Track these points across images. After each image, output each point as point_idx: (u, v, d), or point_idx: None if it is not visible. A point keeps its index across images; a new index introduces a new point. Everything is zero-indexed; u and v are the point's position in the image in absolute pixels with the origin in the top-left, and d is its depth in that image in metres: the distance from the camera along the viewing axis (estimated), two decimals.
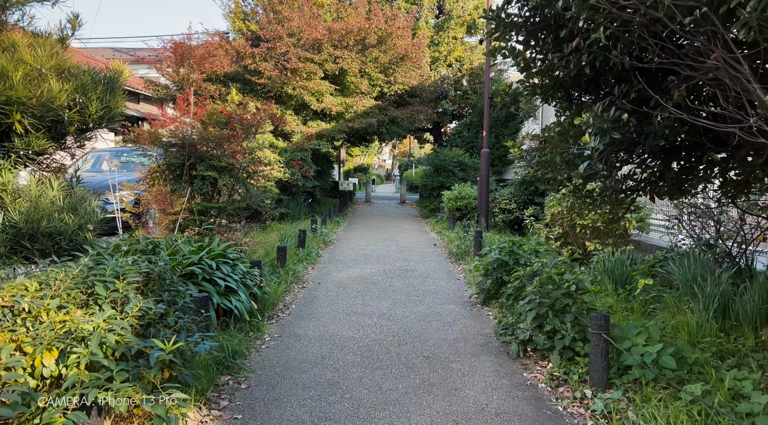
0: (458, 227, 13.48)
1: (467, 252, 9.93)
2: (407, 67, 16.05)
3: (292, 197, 15.37)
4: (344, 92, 15.66)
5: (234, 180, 7.09)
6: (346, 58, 14.74)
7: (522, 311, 4.92)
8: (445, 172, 17.42)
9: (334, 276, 8.43)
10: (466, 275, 8.53)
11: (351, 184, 23.55)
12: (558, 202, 8.95)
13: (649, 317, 5.57)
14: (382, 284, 7.85)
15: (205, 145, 6.94)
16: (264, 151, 11.74)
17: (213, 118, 7.39)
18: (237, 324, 5.27)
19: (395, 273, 8.70)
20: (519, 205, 12.62)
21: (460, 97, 22.70)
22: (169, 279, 3.70)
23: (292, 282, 7.68)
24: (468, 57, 22.09)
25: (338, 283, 7.89)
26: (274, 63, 14.31)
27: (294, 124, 14.96)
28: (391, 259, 9.96)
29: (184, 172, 6.88)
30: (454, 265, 9.53)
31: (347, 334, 5.48)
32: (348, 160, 41.31)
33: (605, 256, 7.59)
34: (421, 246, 11.81)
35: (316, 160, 15.73)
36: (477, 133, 20.85)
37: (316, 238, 11.46)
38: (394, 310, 6.42)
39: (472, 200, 13.89)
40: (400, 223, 16.34)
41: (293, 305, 6.65)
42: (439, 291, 7.45)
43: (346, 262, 9.61)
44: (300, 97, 14.61)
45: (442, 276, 8.49)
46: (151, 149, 7.07)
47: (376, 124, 15.62)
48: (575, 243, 8.90)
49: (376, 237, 13.10)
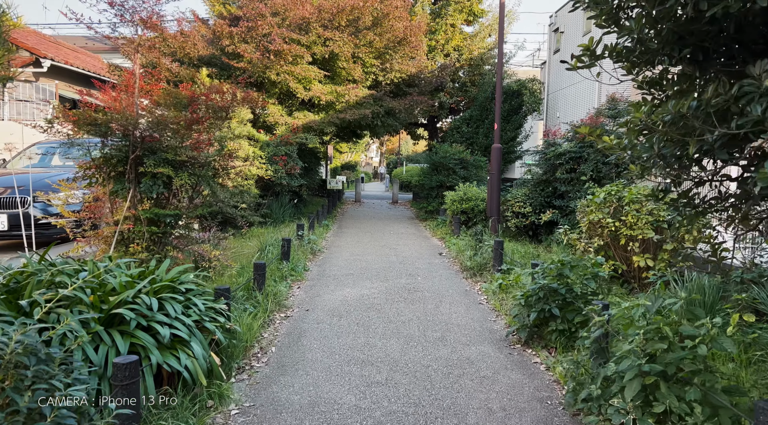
0: (465, 233, 11.89)
1: (484, 266, 8.32)
2: (405, 52, 14.38)
3: (276, 197, 13.66)
4: (335, 79, 13.94)
5: (196, 179, 5.38)
6: (338, 41, 13.03)
7: (611, 375, 3.31)
8: (446, 170, 15.81)
9: (326, 298, 6.77)
10: (489, 297, 6.92)
11: (340, 183, 21.85)
12: (597, 207, 7.38)
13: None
14: (386, 311, 6.21)
15: (158, 132, 5.23)
16: (240, 142, 10.01)
17: (170, 99, 5.67)
18: (188, 392, 3.59)
19: (400, 293, 7.06)
20: (535, 209, 11.06)
21: (458, 89, 21.11)
22: (36, 366, 2.01)
23: (272, 310, 6.00)
24: (467, 46, 20.49)
25: (331, 310, 6.23)
26: (256, 45, 12.55)
27: (278, 114, 13.23)
28: (392, 273, 8.31)
29: (128, 169, 5.16)
30: (470, 282, 7.92)
31: (349, 402, 3.82)
32: (335, 157, 39.52)
33: (669, 276, 6.03)
34: (425, 255, 10.18)
35: (303, 156, 14.02)
36: (477, 128, 19.29)
37: (302, 247, 9.77)
38: (408, 355, 4.78)
39: (479, 202, 12.29)
40: (395, 227, 14.70)
41: (273, 347, 4.97)
42: (461, 323, 5.83)
43: (339, 278, 7.95)
44: (285, 83, 12.87)
45: (460, 299, 6.87)
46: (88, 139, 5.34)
47: (371, 115, 13.93)
48: (617, 257, 7.34)
49: (371, 244, 11.45)
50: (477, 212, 12.30)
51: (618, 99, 10.61)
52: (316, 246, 10.30)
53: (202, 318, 3.92)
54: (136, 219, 5.26)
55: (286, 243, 8.22)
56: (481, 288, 7.40)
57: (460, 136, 19.27)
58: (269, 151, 12.21)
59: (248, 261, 8.01)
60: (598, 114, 10.69)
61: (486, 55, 20.69)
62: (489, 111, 19.19)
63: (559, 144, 11.04)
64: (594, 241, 7.38)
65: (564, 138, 11.22)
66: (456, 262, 9.42)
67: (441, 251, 10.68)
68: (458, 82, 21.03)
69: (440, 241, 12.13)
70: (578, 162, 10.36)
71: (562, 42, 18.06)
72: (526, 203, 11.12)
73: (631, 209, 6.98)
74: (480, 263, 8.40)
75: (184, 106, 5.56)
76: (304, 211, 16.08)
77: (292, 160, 12.55)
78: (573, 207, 10.15)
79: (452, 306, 6.49)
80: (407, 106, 15.02)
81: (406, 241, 12.00)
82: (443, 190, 15.67)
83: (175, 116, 5.26)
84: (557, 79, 18.58)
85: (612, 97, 10.65)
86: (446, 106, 20.88)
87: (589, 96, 15.37)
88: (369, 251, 10.48)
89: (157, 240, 5.45)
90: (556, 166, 10.88)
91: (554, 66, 19.00)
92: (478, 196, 12.41)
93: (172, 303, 3.83)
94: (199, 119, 5.27)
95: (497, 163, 11.40)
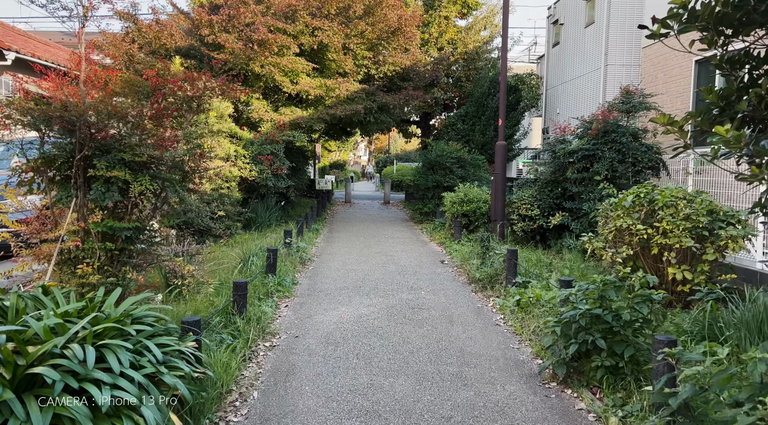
0: (466, 238, 11.02)
1: (495, 278, 7.42)
2: (399, 43, 13.45)
3: (261, 199, 12.67)
4: (324, 73, 12.97)
5: (160, 183, 4.42)
6: (327, 30, 12.06)
7: None
8: (442, 169, 14.91)
9: (318, 320, 5.83)
10: (506, 317, 6.03)
11: (329, 183, 20.86)
12: (626, 212, 6.52)
13: None
14: (390, 336, 5.29)
15: (113, 125, 4.26)
16: (219, 140, 9.01)
17: (130, 87, 4.70)
18: None
19: (403, 312, 6.15)
20: (543, 211, 10.19)
21: (452, 85, 20.22)
22: None
23: (255, 339, 5.05)
24: (462, 39, 19.61)
25: (325, 336, 5.30)
26: (238, 34, 11.55)
27: (262, 110, 12.24)
28: (392, 286, 7.39)
29: (74, 172, 4.19)
30: (481, 297, 7.02)
31: None
32: (323, 156, 38.42)
33: (718, 293, 5.19)
34: (426, 264, 9.27)
35: (290, 155, 13.03)
36: (474, 125, 18.41)
37: (291, 255, 8.82)
38: (422, 401, 3.86)
39: (481, 204, 11.41)
40: (390, 230, 13.78)
41: (255, 391, 4.03)
42: (480, 351, 4.92)
43: (333, 293, 7.02)
44: (270, 76, 11.87)
45: (473, 319, 5.96)
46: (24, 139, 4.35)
47: (363, 111, 12.98)
48: (647, 268, 6.50)
49: (365, 250, 10.52)
50: (479, 215, 11.42)
51: (633, 91, 9.79)
52: (306, 254, 9.35)
53: (157, 370, 2.97)
54: (86, 233, 4.28)
55: (272, 253, 7.27)
56: (495, 305, 6.50)
57: (455, 133, 18.38)
58: (253, 149, 11.22)
59: (229, 274, 7.06)
60: (611, 108, 9.85)
61: (481, 48, 19.83)
62: (486, 107, 18.32)
63: (568, 141, 10.19)
64: (622, 250, 6.51)
65: (573, 134, 10.37)
66: (461, 272, 8.52)
67: (443, 258, 9.78)
68: (452, 77, 20.14)
69: (440, 247, 11.24)
70: (591, 160, 9.52)
71: (562, 34, 17.27)
72: (534, 205, 10.25)
73: (665, 214, 6.12)
74: (490, 274, 7.51)
75: (147, 95, 4.59)
76: (292, 214, 15.10)
77: (279, 159, 11.57)
78: (586, 209, 9.31)
79: (466, 329, 5.59)
80: (402, 101, 14.08)
81: (404, 247, 11.09)
82: (440, 190, 14.78)
83: (134, 106, 4.29)
84: (557, 74, 17.76)
85: (626, 90, 9.83)
86: (440, 103, 19.99)
87: (593, 90, 14.57)
88: (364, 259, 9.55)
89: (113, 258, 4.48)
90: (566, 165, 10.03)
91: (553, 60, 18.18)
92: (480, 198, 11.53)
93: (117, 352, 2.88)
94: (163, 110, 4.30)
95: (502, 161, 10.54)
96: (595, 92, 14.57)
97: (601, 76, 14.23)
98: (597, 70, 14.54)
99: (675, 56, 11.39)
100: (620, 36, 14.00)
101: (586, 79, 15.43)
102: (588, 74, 15.26)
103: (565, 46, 17.18)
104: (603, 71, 14.19)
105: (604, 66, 14.16)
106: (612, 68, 14.14)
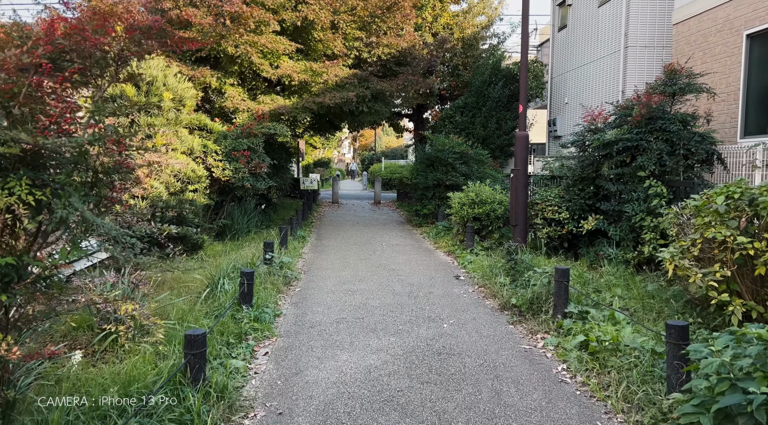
0: (479, 246, 9.39)
1: (536, 304, 5.77)
2: (396, 22, 11.73)
3: (238, 202, 10.89)
4: (309, 55, 11.21)
5: (48, 192, 2.67)
6: (312, 5, 10.31)
7: None
8: (443, 166, 13.23)
9: (311, 379, 4.12)
10: (570, 366, 4.37)
11: (315, 182, 19.08)
12: (718, 219, 4.94)
13: None
14: (417, 411, 3.60)
15: None
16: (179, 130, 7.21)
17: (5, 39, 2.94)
18: None
19: (428, 362, 4.46)
20: (573, 214, 8.59)
21: (449, 73, 18.58)
22: None
23: (217, 422, 3.33)
24: (459, 24, 17.95)
25: (321, 409, 3.59)
26: (207, 8, 9.75)
27: (238, 98, 10.45)
28: (403, 317, 5.70)
29: None
30: (523, 332, 5.36)
31: None
32: (307, 153, 36.46)
33: None
34: (438, 280, 7.60)
35: (271, 152, 11.26)
36: (474, 117, 16.80)
37: (272, 274, 7.09)
38: None
39: (496, 206, 9.77)
40: (387, 236, 12.08)
41: None
42: None
43: (328, 330, 5.31)
44: (246, 58, 10.09)
45: (526, 372, 4.29)
46: None
47: (355, 99, 11.24)
48: (747, 294, 4.93)
49: (362, 263, 8.81)
50: (493, 218, 9.78)
51: (678, 70, 8.23)
52: (291, 271, 7.62)
53: None
54: None
55: (247, 278, 5.53)
56: (548, 347, 4.85)
57: (453, 126, 16.74)
58: (227, 144, 9.44)
59: (191, 305, 5.30)
60: (652, 90, 8.28)
61: (480, 34, 18.21)
62: (487, 97, 16.72)
63: (602, 130, 8.59)
64: (713, 269, 4.89)
65: (605, 123, 8.78)
66: (485, 292, 6.86)
67: (457, 273, 8.12)
68: (449, 64, 18.49)
69: (449, 256, 9.58)
70: (632, 153, 7.93)
71: (569, 16, 15.73)
72: (562, 207, 8.64)
73: None
74: (528, 299, 5.86)
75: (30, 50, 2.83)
76: (275, 218, 13.33)
77: (257, 155, 9.80)
78: (628, 212, 7.70)
79: (521, 392, 3.92)
80: (401, 87, 12.35)
81: (407, 257, 9.41)
82: (441, 189, 13.12)
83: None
84: (564, 60, 16.22)
85: (670, 68, 8.26)
86: (435, 93, 18.34)
87: (611, 75, 13.04)
88: (362, 275, 7.85)
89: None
90: (600, 159, 8.44)
91: (559, 45, 16.64)
92: (494, 199, 9.88)
93: None
94: (49, 68, 2.55)
95: (524, 155, 8.90)
96: (613, 77, 13.03)
97: (620, 59, 12.67)
98: (615, 52, 12.98)
99: (718, 32, 9.85)
100: (642, 14, 12.46)
101: (600, 63, 13.88)
102: (603, 58, 13.71)
103: (574, 29, 15.62)
104: (622, 54, 12.63)
105: (624, 48, 12.61)
106: (633, 50, 12.59)
